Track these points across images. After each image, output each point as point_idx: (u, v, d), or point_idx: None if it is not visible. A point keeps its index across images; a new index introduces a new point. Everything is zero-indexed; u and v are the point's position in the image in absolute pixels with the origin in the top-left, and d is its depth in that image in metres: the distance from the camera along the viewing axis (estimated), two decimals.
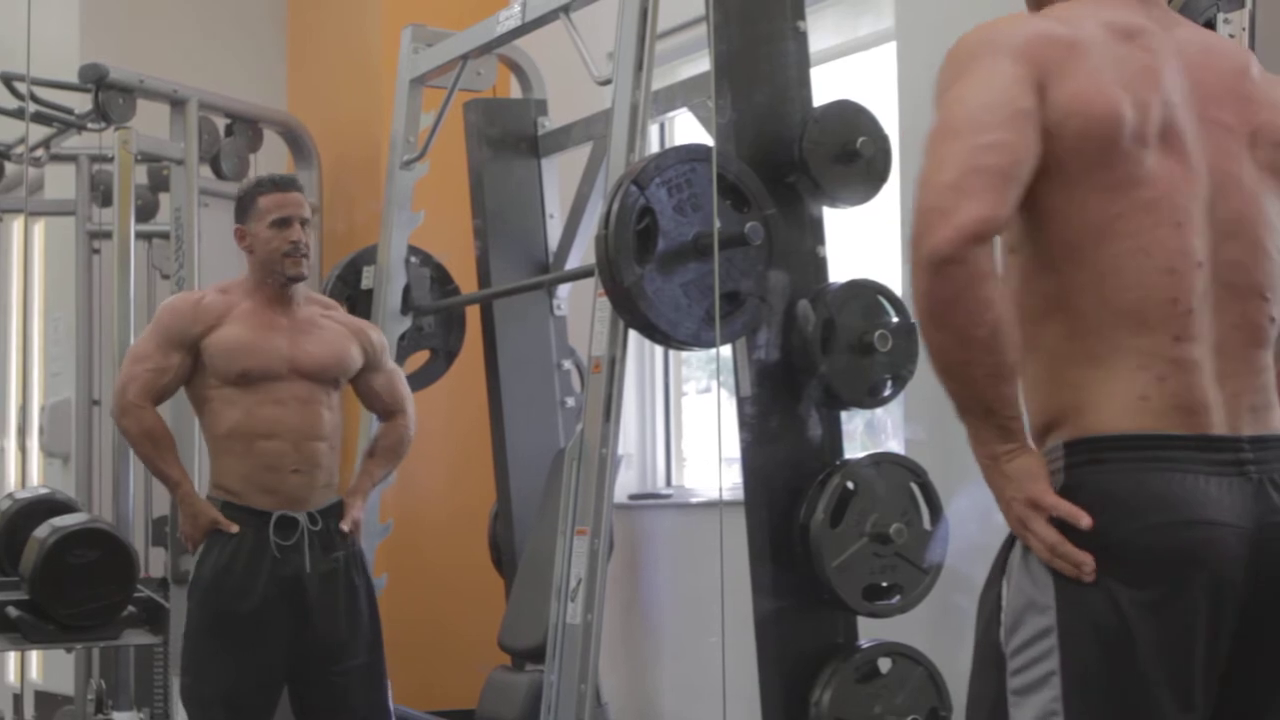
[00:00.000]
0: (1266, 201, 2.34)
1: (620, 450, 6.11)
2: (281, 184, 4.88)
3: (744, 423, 4.51)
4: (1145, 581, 2.16)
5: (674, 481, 6.42)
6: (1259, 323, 2.31)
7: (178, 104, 6.46)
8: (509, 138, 5.98)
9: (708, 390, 6.13)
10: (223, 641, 4.70)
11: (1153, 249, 2.23)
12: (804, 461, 4.46)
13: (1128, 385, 2.21)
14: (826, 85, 5.04)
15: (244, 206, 4.86)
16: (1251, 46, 3.07)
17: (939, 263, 2.12)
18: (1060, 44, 2.26)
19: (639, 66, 4.58)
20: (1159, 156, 2.25)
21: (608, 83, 4.71)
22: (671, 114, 5.74)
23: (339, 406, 4.87)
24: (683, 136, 6.16)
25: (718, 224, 4.28)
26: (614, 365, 4.52)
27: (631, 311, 4.32)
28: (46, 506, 5.59)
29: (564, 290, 5.94)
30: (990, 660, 2.27)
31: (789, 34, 4.62)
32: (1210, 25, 3.15)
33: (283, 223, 4.76)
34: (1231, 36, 3.10)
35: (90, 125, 6.36)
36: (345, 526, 4.79)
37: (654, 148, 6.10)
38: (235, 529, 4.67)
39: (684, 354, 6.11)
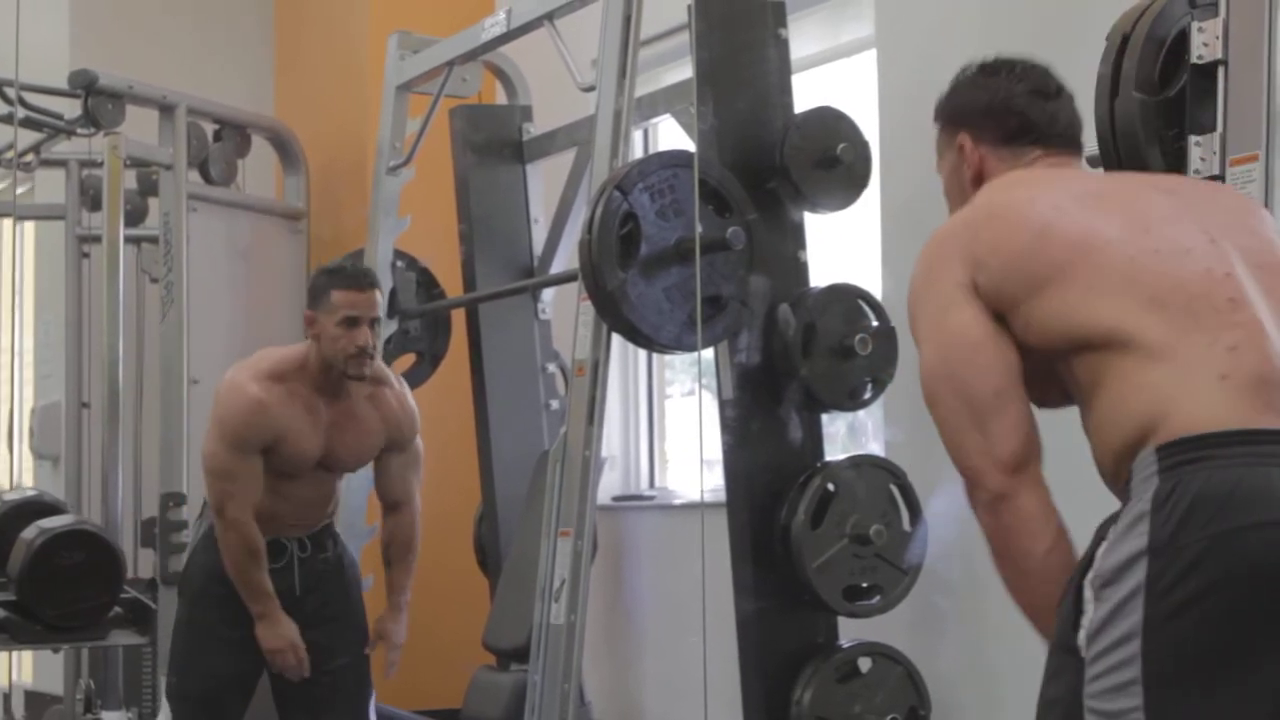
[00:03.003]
0: (1255, 219, 2.46)
1: (604, 452, 6.15)
2: (358, 280, 4.83)
3: (726, 425, 4.55)
4: (1239, 581, 2.12)
5: (657, 483, 6.45)
6: None
7: (166, 109, 6.50)
8: (494, 143, 6.02)
9: (691, 393, 6.17)
10: (208, 643, 4.78)
11: (1159, 245, 2.32)
12: (785, 463, 4.50)
13: (1204, 371, 2.22)
14: (809, 92, 5.09)
15: (316, 294, 4.82)
16: (1225, 56, 3.09)
17: (994, 502, 2.35)
18: (975, 218, 2.48)
19: (622, 73, 4.62)
20: (1107, 206, 2.41)
21: (592, 89, 4.75)
22: (655, 120, 5.78)
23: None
24: (666, 142, 6.20)
25: (699, 229, 4.33)
26: (597, 369, 4.56)
27: (614, 315, 4.37)
28: (34, 508, 5.63)
29: (548, 294, 5.98)
30: (1067, 664, 2.28)
31: (771, 41, 4.66)
32: (1184, 34, 3.18)
33: (353, 322, 4.73)
34: (1205, 46, 3.12)
35: (80, 130, 6.38)
36: (389, 653, 4.99)
37: (638, 154, 6.15)
38: (303, 658, 4.78)
39: (667, 357, 6.15)
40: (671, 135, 5.98)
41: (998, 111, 2.63)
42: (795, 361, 4.45)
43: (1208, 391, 2.20)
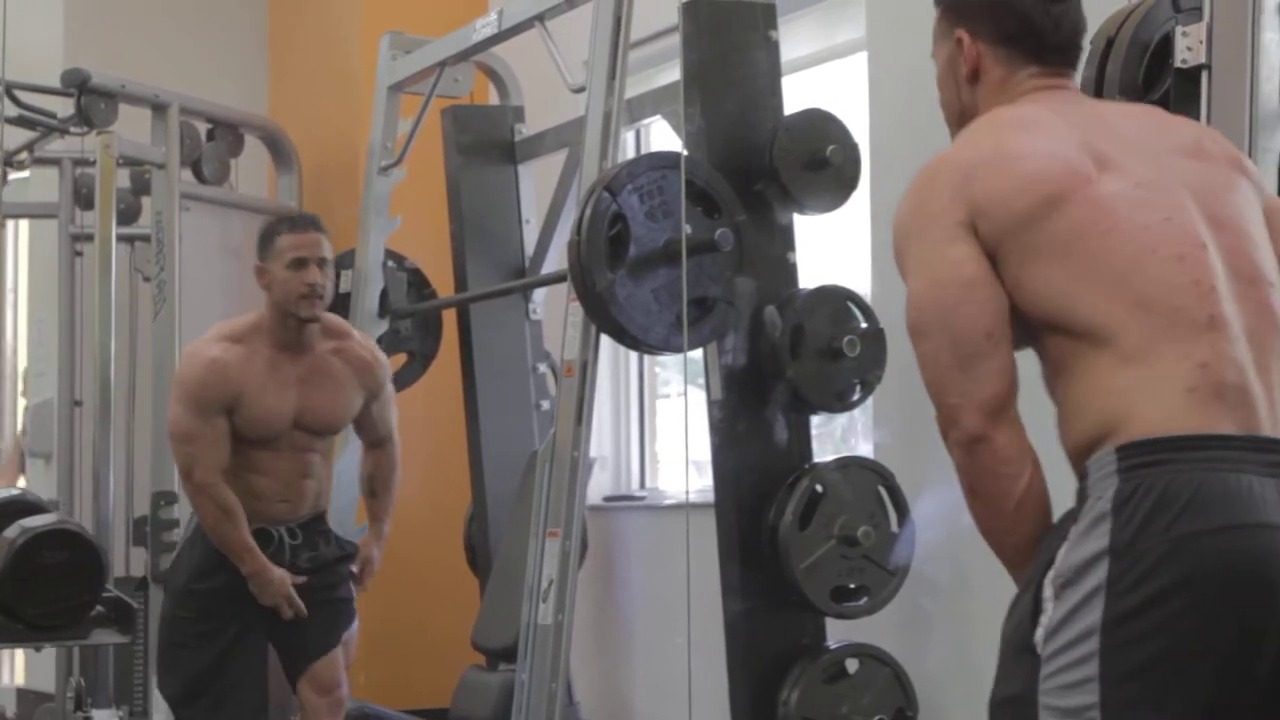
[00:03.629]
0: (1237, 198, 2.40)
1: (595, 452, 6.18)
2: (301, 224, 4.92)
3: (714, 426, 4.57)
4: (1199, 584, 2.13)
5: (648, 483, 6.46)
6: (1274, 309, 2.33)
7: (159, 109, 6.50)
8: (486, 144, 6.03)
9: (682, 394, 6.19)
10: (191, 640, 4.81)
11: (1156, 244, 2.29)
12: (773, 465, 4.52)
13: (1172, 382, 2.22)
14: (800, 93, 5.11)
15: (264, 244, 4.88)
16: (1208, 60, 3.11)
17: (971, 443, 2.31)
18: (974, 159, 2.40)
19: (612, 74, 4.63)
20: (1114, 179, 2.33)
21: (582, 90, 4.76)
22: (647, 121, 5.79)
23: (331, 443, 5.03)
24: (659, 144, 6.21)
25: (686, 230, 4.34)
26: (586, 369, 4.57)
27: (603, 316, 4.38)
28: (17, 507, 5.63)
29: (539, 294, 5.99)
30: (1023, 663, 2.27)
31: (761, 43, 4.68)
32: (1168, 39, 3.20)
33: (300, 263, 4.78)
34: (1189, 50, 3.14)
35: (72, 129, 6.39)
36: (362, 577, 5.00)
37: (630, 154, 6.17)
38: (300, 609, 4.80)
39: (659, 357, 6.16)
40: (663, 136, 5.98)
41: (1000, 10, 2.55)
42: (783, 363, 4.47)
43: (1172, 400, 2.21)
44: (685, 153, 4.50)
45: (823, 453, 4.64)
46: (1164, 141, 2.44)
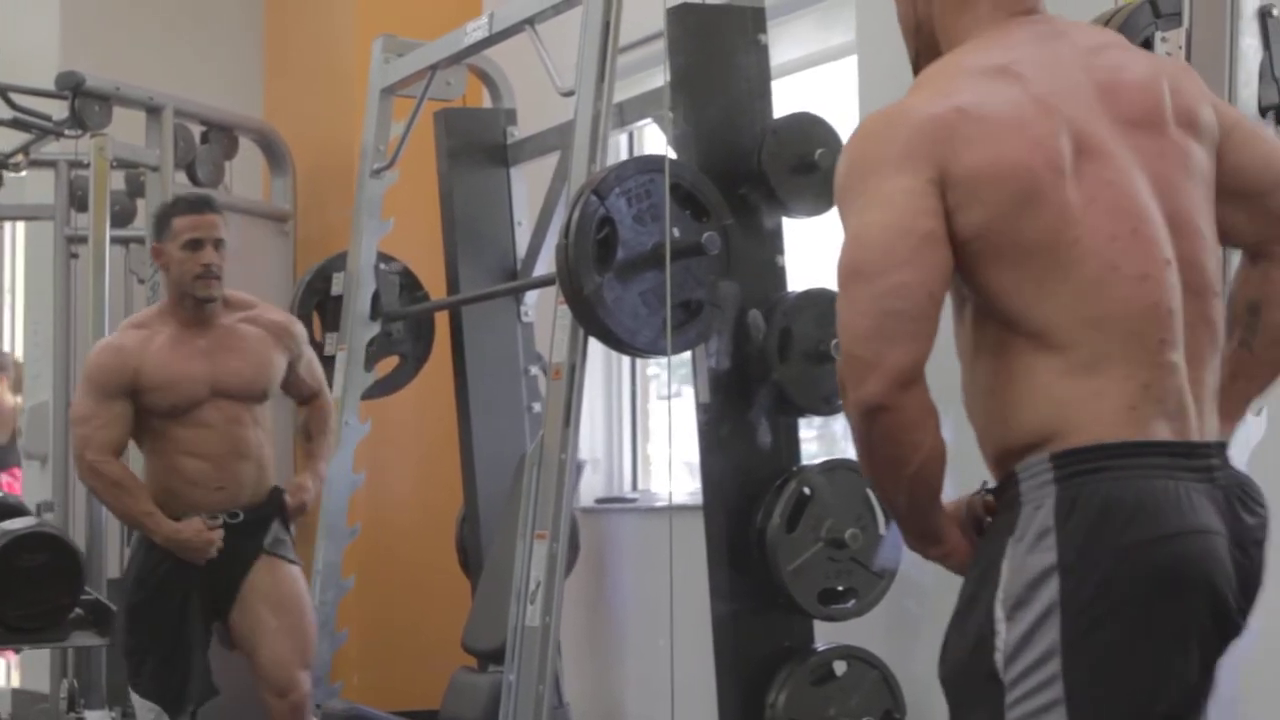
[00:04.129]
0: (1192, 188, 2.31)
1: (587, 454, 6.20)
2: (196, 205, 4.97)
3: (702, 429, 4.58)
4: (1153, 594, 2.13)
5: (639, 485, 6.48)
6: (1215, 322, 2.30)
7: (153, 111, 6.53)
8: (478, 147, 6.04)
9: (679, 394, 6.20)
10: (147, 639, 4.86)
11: (1120, 261, 2.21)
12: (761, 467, 4.53)
13: (1115, 399, 2.18)
14: (791, 97, 5.11)
15: (160, 226, 4.97)
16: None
17: (872, 410, 2.18)
18: (947, 119, 2.23)
19: (600, 78, 4.63)
20: (1091, 175, 2.23)
21: (571, 94, 4.76)
22: (640, 124, 5.80)
23: (268, 418, 5.00)
24: (651, 147, 6.22)
25: (671, 234, 4.35)
26: (574, 372, 4.58)
27: (590, 319, 4.39)
28: None
29: (531, 297, 6.00)
30: (987, 690, 2.21)
31: (750, 47, 4.68)
32: (1148, 44, 3.21)
33: (195, 244, 4.84)
34: (1168, 54, 3.15)
35: (67, 132, 6.41)
36: (293, 504, 4.99)
37: (624, 157, 6.19)
38: (218, 535, 4.79)
39: (653, 360, 6.17)
40: (656, 139, 5.99)
41: None
42: (771, 365, 4.48)
43: (1112, 415, 2.18)
44: (670, 156, 4.51)
45: (824, 455, 4.65)
46: (1136, 107, 2.31)
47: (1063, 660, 2.12)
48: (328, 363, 5.98)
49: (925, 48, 2.45)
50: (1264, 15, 3.11)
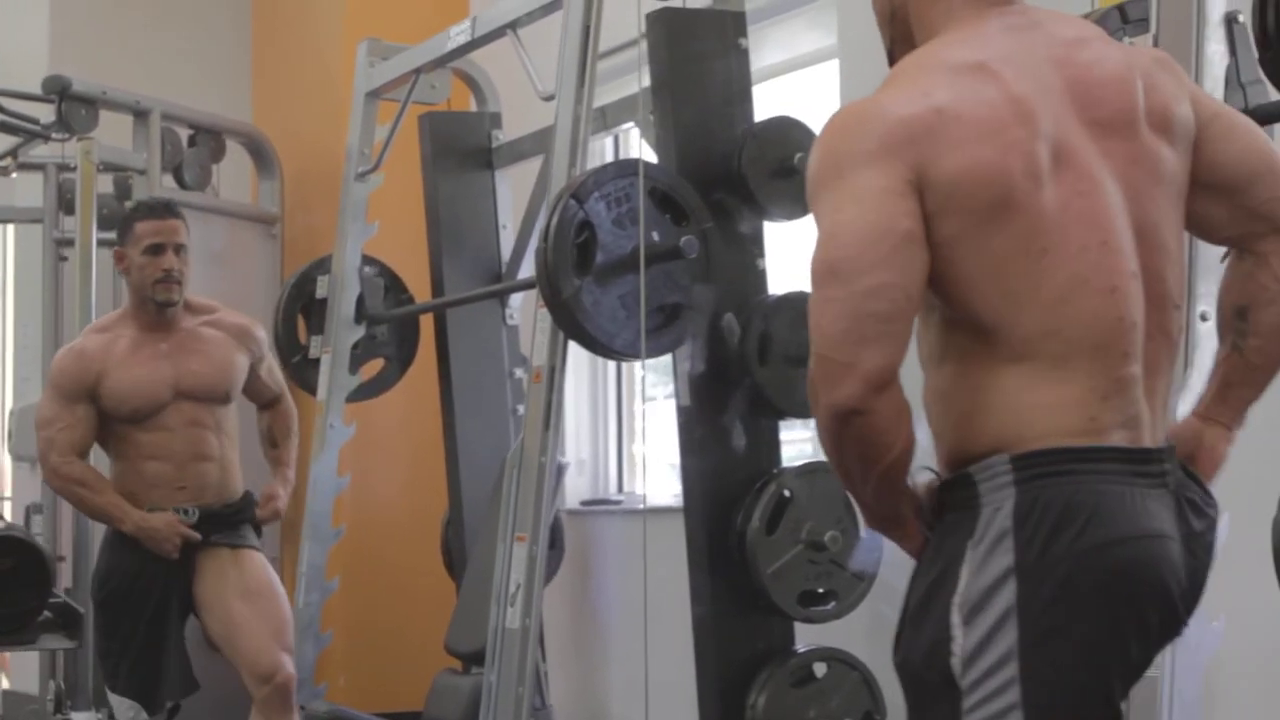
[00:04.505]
0: (1161, 194, 2.30)
1: (573, 456, 6.22)
2: (158, 210, 5.01)
3: (682, 432, 4.59)
4: (1108, 598, 2.15)
5: (625, 487, 6.49)
6: (1173, 335, 2.31)
7: (140, 115, 6.57)
8: (463, 150, 6.05)
9: (670, 397, 6.22)
10: (118, 637, 4.90)
11: (1090, 274, 2.20)
12: (741, 470, 4.54)
13: (1075, 409, 2.19)
14: (774, 101, 5.13)
15: (123, 230, 5.00)
16: None
17: (846, 414, 2.15)
18: (925, 120, 2.20)
19: (581, 83, 4.63)
20: (1064, 183, 2.22)
21: (552, 98, 4.77)
22: (624, 127, 5.81)
23: (231, 420, 5.02)
24: (637, 150, 6.22)
25: (645, 238, 4.36)
26: (554, 375, 4.59)
27: (569, 323, 4.40)
28: None
29: (516, 300, 6.01)
30: (943, 694, 2.20)
31: (730, 51, 4.69)
32: None
33: (156, 249, 4.88)
34: None
35: (54, 135, 6.44)
36: (264, 513, 5.01)
37: (609, 161, 6.20)
38: (183, 530, 4.81)
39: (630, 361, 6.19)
40: (640, 143, 6.00)
41: None
42: (750, 368, 4.49)
43: (1071, 422, 2.19)
44: (647, 160, 4.52)
45: (813, 457, 4.66)
46: (1110, 108, 2.29)
47: (1020, 664, 2.13)
48: (312, 366, 6.01)
49: (900, 37, 2.44)
50: (1230, 21, 3.12)
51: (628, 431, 6.53)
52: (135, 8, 7.70)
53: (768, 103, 4.84)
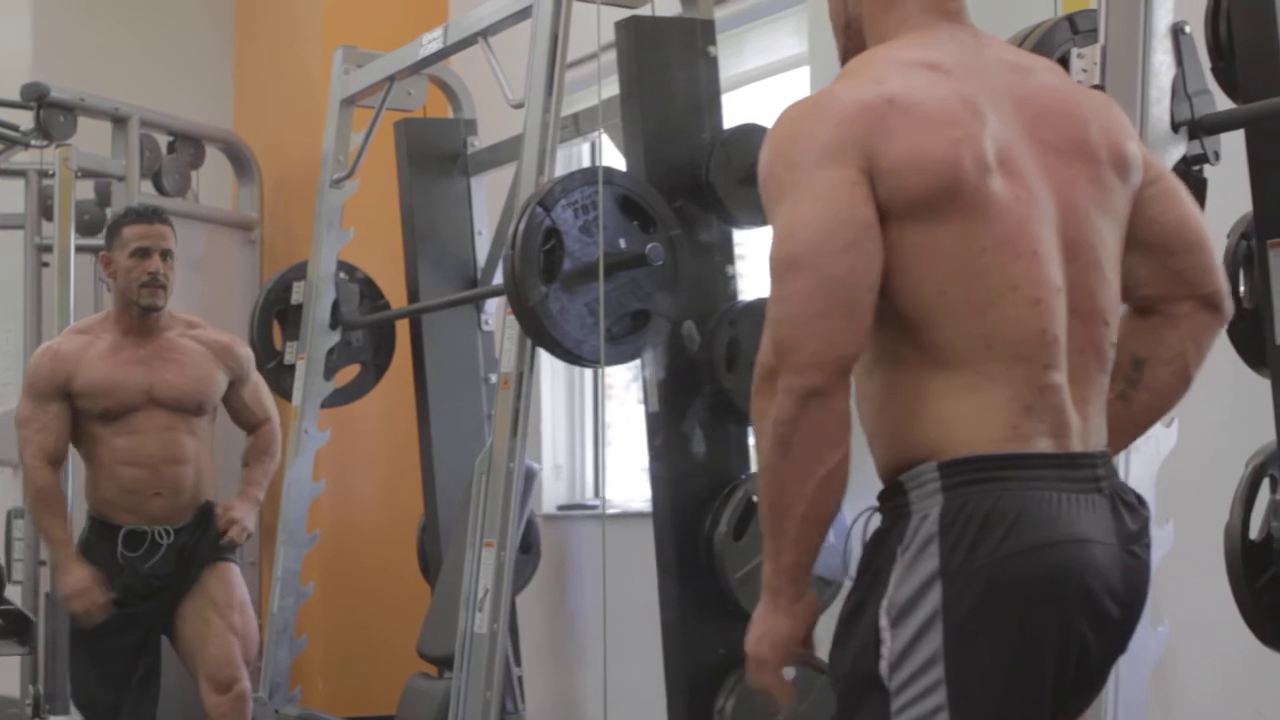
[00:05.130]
0: (1100, 220, 2.34)
1: (549, 461, 6.24)
2: (146, 215, 5.04)
3: (651, 437, 4.61)
4: (1030, 602, 2.17)
5: (600, 492, 6.51)
6: (1102, 347, 2.33)
7: (119, 121, 6.59)
8: (438, 157, 6.07)
9: (600, 405, 6.29)
10: (84, 648, 4.94)
11: (1019, 282, 2.23)
12: (709, 475, 4.56)
13: (998, 416, 2.21)
14: (747, 107, 5.14)
15: (110, 235, 5.03)
16: (1103, 81, 3.16)
17: (810, 395, 2.15)
18: (877, 108, 2.23)
19: (549, 91, 4.66)
20: (1004, 187, 2.24)
21: (522, 106, 4.80)
22: (598, 133, 5.82)
23: (206, 430, 5.04)
24: (612, 156, 6.23)
25: (612, 245, 4.40)
26: (522, 381, 4.62)
27: (536, 330, 4.43)
28: None
29: (491, 305, 6.03)
30: (872, 696, 2.24)
31: (699, 59, 4.71)
32: (1064, 60, 3.26)
33: (143, 253, 4.92)
34: (1084, 71, 3.19)
35: (34, 142, 6.46)
36: (226, 529, 4.98)
37: (586, 163, 6.23)
38: (100, 600, 4.84)
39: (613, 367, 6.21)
40: (604, 150, 6.04)
41: None
42: (718, 375, 4.51)
43: (996, 430, 2.21)
44: (614, 168, 4.55)
45: None
46: (1055, 131, 2.34)
47: (945, 667, 2.16)
48: (288, 371, 6.04)
49: (854, 45, 2.47)
50: (1176, 32, 3.14)
51: (603, 437, 6.55)
52: (120, 15, 7.72)
53: (741, 110, 4.85)
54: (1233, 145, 3.26)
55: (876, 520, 2.30)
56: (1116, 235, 2.38)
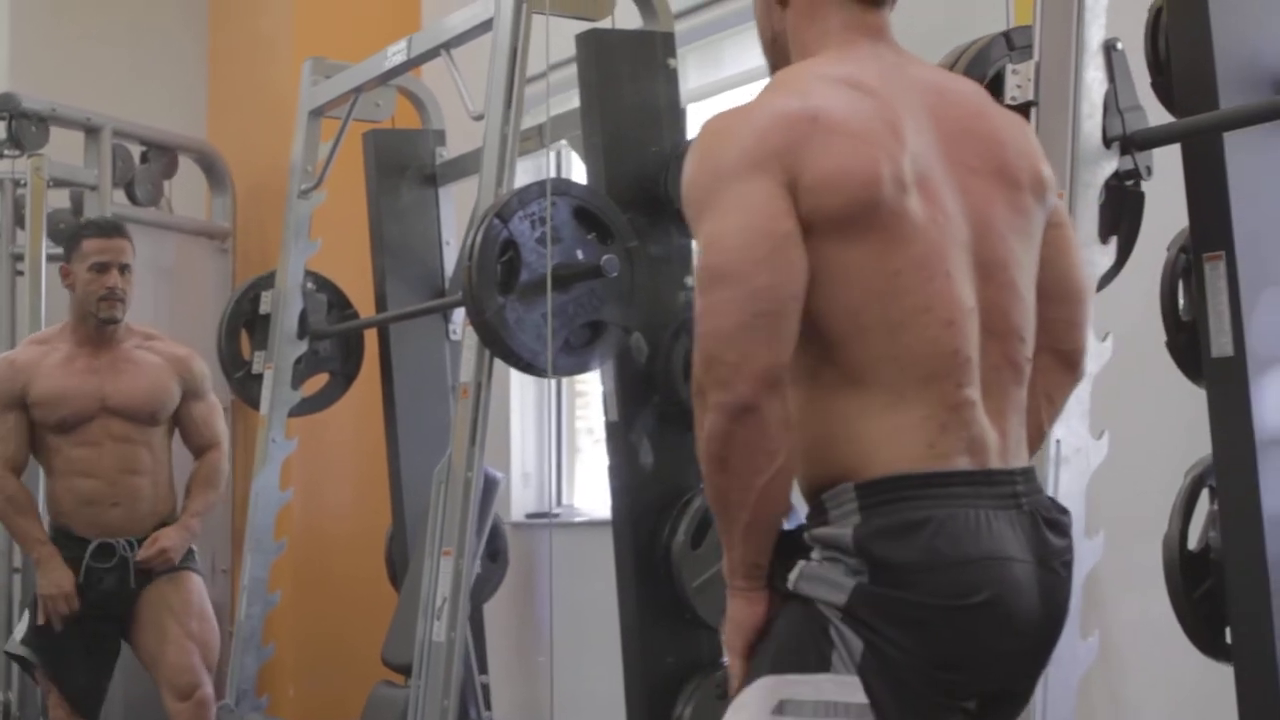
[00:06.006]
0: (1015, 241, 2.37)
1: (518, 470, 6.27)
2: (106, 229, 5.08)
3: (610, 447, 4.65)
4: (944, 616, 2.18)
5: (565, 500, 6.54)
6: (1018, 363, 2.35)
7: (92, 131, 6.63)
8: (406, 167, 6.10)
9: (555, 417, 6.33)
10: (51, 656, 4.95)
11: (932, 303, 2.25)
12: (666, 484, 4.60)
13: (914, 435, 2.23)
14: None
15: (70, 246, 5.07)
16: (1035, 97, 3.20)
17: (739, 411, 2.16)
18: (800, 122, 2.25)
19: (508, 103, 4.69)
20: (921, 208, 2.27)
21: (482, 118, 4.83)
22: (555, 145, 5.84)
23: (162, 441, 5.07)
24: (580, 166, 6.27)
25: (568, 256, 4.44)
26: (480, 390, 4.65)
27: (494, 341, 4.47)
28: None
29: (459, 315, 6.02)
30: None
31: (659, 71, 4.75)
32: (999, 76, 3.30)
33: (102, 267, 4.96)
34: (1019, 87, 3.23)
35: (5, 152, 6.50)
36: (151, 559, 4.98)
37: (552, 174, 6.26)
38: (74, 606, 4.88)
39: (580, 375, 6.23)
40: (557, 162, 6.10)
41: None
42: (675, 384, 4.54)
43: (911, 449, 2.23)
44: (573, 181, 4.59)
45: None
46: (974, 152, 2.37)
47: (867, 691, 2.19)
48: (256, 381, 6.07)
49: (779, 60, 2.50)
50: (1109, 49, 3.18)
51: (569, 446, 6.58)
52: (94, 26, 7.73)
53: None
54: (1174, 160, 3.30)
55: None
56: (1031, 256, 2.41)
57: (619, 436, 4.61)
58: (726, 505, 2.23)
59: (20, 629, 5.05)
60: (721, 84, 5.82)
